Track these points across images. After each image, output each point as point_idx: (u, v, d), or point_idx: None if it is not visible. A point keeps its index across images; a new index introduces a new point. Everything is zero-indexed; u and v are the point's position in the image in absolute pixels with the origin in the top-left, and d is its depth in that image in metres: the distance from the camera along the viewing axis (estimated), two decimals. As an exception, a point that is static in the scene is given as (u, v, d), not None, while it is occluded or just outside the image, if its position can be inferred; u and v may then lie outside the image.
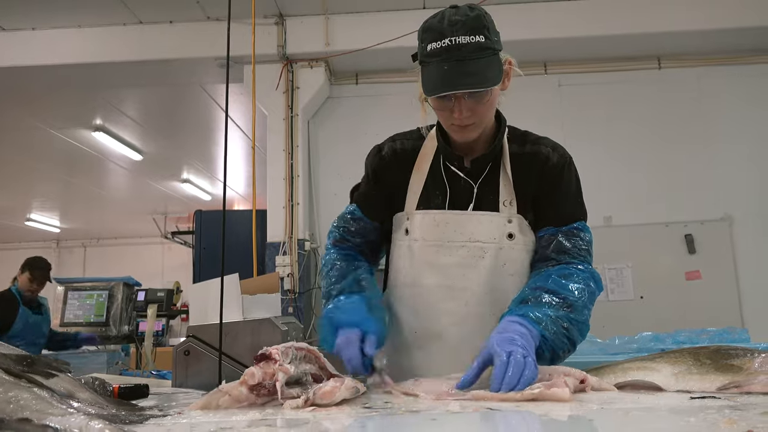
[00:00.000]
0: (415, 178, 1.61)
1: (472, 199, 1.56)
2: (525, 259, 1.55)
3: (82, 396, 1.11)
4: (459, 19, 1.39)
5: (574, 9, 5.00)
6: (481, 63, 1.38)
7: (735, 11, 4.91)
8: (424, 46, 1.42)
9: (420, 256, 1.57)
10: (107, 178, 9.57)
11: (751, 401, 1.01)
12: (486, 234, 1.53)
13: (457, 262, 1.53)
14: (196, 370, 1.85)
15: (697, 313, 4.72)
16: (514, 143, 1.59)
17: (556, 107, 5.18)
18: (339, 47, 5.09)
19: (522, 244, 1.54)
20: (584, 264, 1.51)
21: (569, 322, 1.39)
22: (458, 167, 1.58)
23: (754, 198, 5.07)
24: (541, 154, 1.56)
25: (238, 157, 8.17)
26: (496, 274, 1.52)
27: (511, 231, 1.53)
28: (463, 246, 1.53)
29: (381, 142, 1.71)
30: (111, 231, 13.17)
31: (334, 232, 1.72)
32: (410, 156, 1.63)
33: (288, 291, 4.90)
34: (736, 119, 5.20)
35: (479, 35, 1.38)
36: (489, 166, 1.57)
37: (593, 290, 1.49)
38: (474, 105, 1.43)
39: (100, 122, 7.09)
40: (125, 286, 4.78)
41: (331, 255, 1.69)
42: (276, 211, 5.11)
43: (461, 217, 1.55)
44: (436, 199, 1.58)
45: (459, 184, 1.57)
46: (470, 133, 1.49)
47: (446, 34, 1.38)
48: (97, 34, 5.18)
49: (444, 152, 1.59)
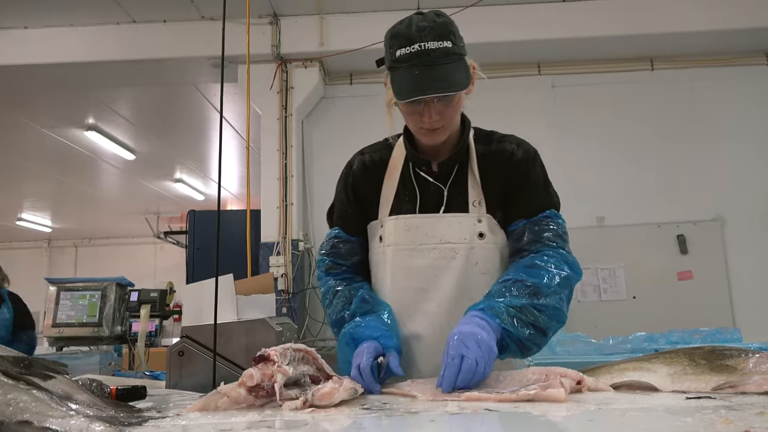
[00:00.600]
0: (386, 187, 1.64)
1: (443, 201, 1.59)
2: (496, 258, 1.59)
3: (79, 398, 1.11)
4: (427, 25, 1.43)
5: (568, 10, 5.02)
6: (450, 67, 1.42)
7: (728, 13, 4.94)
8: (392, 51, 1.45)
9: (394, 261, 1.60)
10: (99, 177, 9.53)
11: (746, 401, 1.02)
12: (456, 235, 1.56)
13: (429, 264, 1.57)
14: (190, 370, 1.85)
15: (689, 313, 4.75)
16: (480, 143, 1.63)
17: (549, 108, 5.20)
18: (333, 47, 5.09)
19: (492, 242, 1.58)
20: (556, 250, 1.53)
21: (537, 310, 1.41)
22: (427, 172, 1.61)
23: (745, 199, 5.10)
24: (506, 151, 1.60)
25: (231, 157, 8.16)
26: (467, 273, 1.55)
27: (482, 230, 1.56)
28: (434, 248, 1.56)
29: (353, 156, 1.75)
30: (103, 231, 13.12)
31: (324, 260, 1.73)
32: (380, 167, 1.67)
33: (282, 291, 4.90)
34: (728, 121, 5.24)
35: (447, 41, 1.42)
36: (457, 168, 1.61)
37: (567, 274, 1.49)
38: (443, 108, 1.47)
39: (92, 121, 7.06)
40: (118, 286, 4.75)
41: (329, 283, 1.69)
42: (270, 211, 5.10)
43: (431, 220, 1.58)
44: (407, 204, 1.62)
45: (429, 188, 1.61)
46: (439, 136, 1.53)
47: (415, 39, 1.41)
48: (90, 33, 5.15)
49: (412, 158, 1.63)
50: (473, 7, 4.70)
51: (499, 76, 5.27)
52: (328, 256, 1.72)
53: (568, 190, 5.16)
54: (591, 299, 4.99)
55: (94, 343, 5.00)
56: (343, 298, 1.62)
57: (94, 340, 4.99)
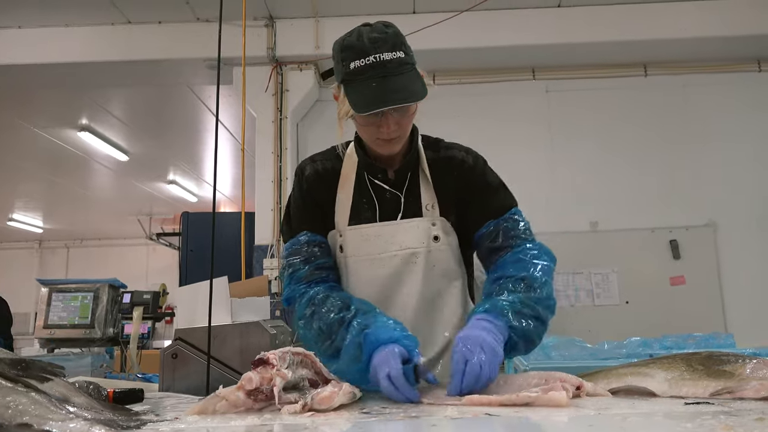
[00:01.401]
0: (341, 196, 1.63)
1: (401, 208, 1.60)
2: (451, 259, 1.62)
3: (77, 400, 1.10)
4: (378, 36, 1.42)
5: (563, 16, 5.04)
6: (406, 77, 1.42)
7: (720, 20, 4.98)
8: (345, 64, 1.44)
9: (354, 272, 1.60)
10: (92, 178, 9.48)
11: (744, 407, 1.03)
12: (415, 239, 1.58)
13: (392, 273, 1.58)
14: (183, 373, 1.84)
15: (682, 318, 4.77)
16: (429, 149, 1.65)
17: (543, 112, 5.22)
18: (329, 50, 5.03)
19: (447, 244, 1.60)
20: (532, 242, 1.57)
21: (535, 302, 1.43)
22: (382, 180, 1.62)
23: (738, 205, 5.14)
24: (455, 158, 1.63)
25: (225, 159, 8.14)
26: (428, 276, 1.58)
27: (436, 233, 1.59)
28: (395, 255, 1.57)
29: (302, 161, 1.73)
30: (95, 232, 13.04)
31: (299, 270, 1.58)
32: (332, 176, 1.65)
33: (275, 294, 4.88)
34: (720, 127, 5.28)
35: (399, 51, 1.43)
36: (410, 174, 1.62)
37: (548, 265, 1.53)
38: (399, 118, 1.48)
39: (85, 122, 7.03)
40: (111, 287, 4.71)
41: (314, 290, 1.54)
42: (264, 213, 5.09)
43: (389, 228, 1.59)
44: (366, 212, 1.62)
45: (385, 195, 1.62)
46: (395, 145, 1.54)
47: (369, 51, 1.40)
48: (84, 33, 5.13)
49: (366, 167, 1.63)
50: (468, 11, 4.72)
51: (493, 80, 5.29)
52: (305, 264, 1.58)
53: (562, 195, 5.26)
54: (584, 304, 5.01)
55: (85, 345, 4.96)
56: (339, 302, 1.49)
57: (85, 342, 4.95)
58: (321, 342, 1.47)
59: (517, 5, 4.99)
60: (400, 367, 1.24)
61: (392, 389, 1.23)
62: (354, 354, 1.36)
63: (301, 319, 1.54)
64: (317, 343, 1.49)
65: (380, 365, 1.27)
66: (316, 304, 1.51)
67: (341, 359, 1.41)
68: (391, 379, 1.23)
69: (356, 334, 1.37)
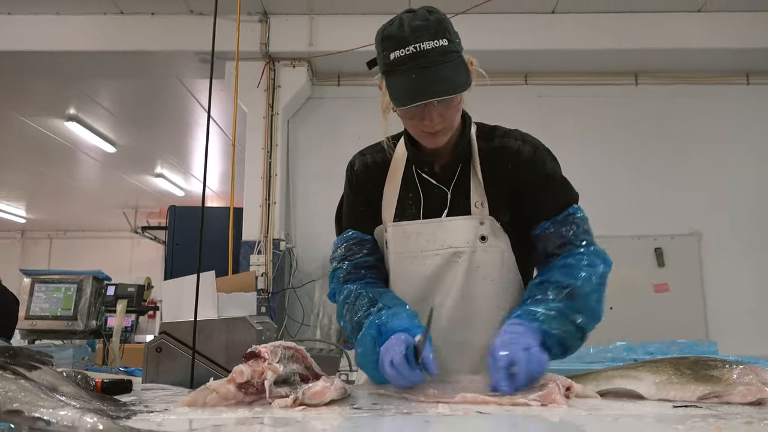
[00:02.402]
0: (388, 191, 1.58)
1: (446, 204, 1.53)
2: (498, 262, 1.51)
3: (65, 389, 1.09)
4: (420, 24, 1.35)
5: (556, 22, 5.08)
6: (449, 67, 1.35)
7: (710, 32, 5.04)
8: (386, 55, 1.37)
9: (396, 269, 1.56)
10: (78, 169, 9.38)
11: (731, 411, 1.04)
12: (460, 239, 1.49)
13: (432, 273, 1.51)
14: (167, 367, 1.82)
15: (664, 325, 4.81)
16: (482, 140, 1.56)
17: (535, 118, 5.23)
18: (322, 48, 5.08)
19: (495, 246, 1.50)
20: (587, 247, 1.48)
21: (575, 311, 1.37)
22: (429, 173, 1.55)
23: (721, 215, 5.20)
24: (510, 148, 1.53)
25: (214, 154, 8.08)
26: (469, 278, 1.49)
27: (484, 233, 1.49)
28: (436, 254, 1.50)
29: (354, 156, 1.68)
30: (79, 223, 12.90)
31: (340, 267, 1.60)
32: (381, 168, 1.60)
33: (261, 290, 4.86)
34: (707, 138, 5.34)
35: (442, 39, 1.35)
36: (459, 168, 1.54)
37: (600, 271, 1.44)
38: (444, 110, 1.40)
39: (73, 112, 6.96)
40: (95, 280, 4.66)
41: (348, 289, 1.55)
42: (252, 209, 5.07)
43: (431, 226, 1.52)
44: (410, 209, 1.55)
45: (432, 190, 1.55)
46: (441, 138, 1.46)
47: (409, 41, 1.33)
48: (75, 22, 5.08)
49: (414, 159, 1.56)
50: (462, 14, 4.73)
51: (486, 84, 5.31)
52: (343, 261, 1.59)
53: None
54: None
55: (67, 337, 4.90)
56: (367, 299, 1.48)
57: (67, 334, 4.89)
58: (355, 338, 1.47)
59: (511, 10, 5.01)
60: (403, 351, 1.23)
61: (395, 374, 1.23)
62: (369, 347, 1.35)
63: (341, 319, 1.57)
64: (353, 339, 1.49)
65: (385, 353, 1.26)
66: (349, 302, 1.51)
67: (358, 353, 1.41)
68: (393, 365, 1.22)
69: (369, 326, 1.37)
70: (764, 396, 1.13)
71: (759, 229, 5.20)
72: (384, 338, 1.31)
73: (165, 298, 2.19)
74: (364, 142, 1.73)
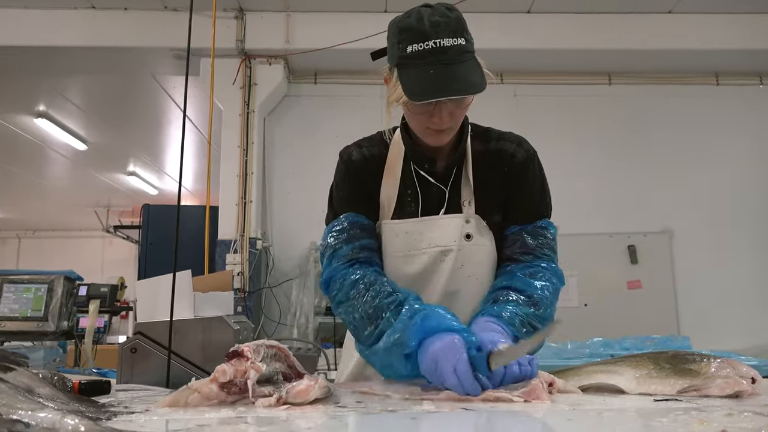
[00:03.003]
0: (386, 186, 1.55)
1: (444, 203, 1.52)
2: (483, 261, 1.52)
3: (42, 391, 1.06)
4: (440, 20, 1.34)
5: (532, 22, 5.12)
6: (466, 66, 1.34)
7: (680, 35, 5.13)
8: (402, 47, 1.34)
9: (387, 268, 1.54)
10: (48, 167, 9.18)
11: (711, 404, 1.06)
12: (446, 237, 1.49)
13: (420, 270, 1.50)
14: (143, 368, 1.78)
15: (638, 321, 4.89)
16: (477, 141, 1.56)
17: (512, 116, 5.26)
18: (299, 45, 5.05)
19: (480, 245, 1.50)
20: (547, 262, 1.51)
21: (537, 320, 1.40)
22: (428, 171, 1.54)
23: (692, 213, 5.30)
24: (505, 151, 1.54)
25: (188, 152, 7.99)
26: (454, 276, 1.49)
27: (469, 231, 1.49)
28: (424, 253, 1.50)
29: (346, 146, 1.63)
30: (49, 223, 12.63)
31: (339, 249, 1.49)
32: (379, 163, 1.57)
33: (238, 290, 4.82)
34: (678, 138, 5.44)
35: (461, 37, 1.34)
36: (456, 168, 1.54)
37: (557, 287, 1.49)
38: (454, 109, 1.39)
39: (43, 108, 6.81)
40: (66, 280, 4.57)
41: (362, 273, 1.45)
42: (228, 208, 5.02)
43: (420, 224, 1.51)
44: (409, 206, 1.53)
45: (431, 189, 1.54)
46: (445, 137, 1.45)
47: (429, 35, 1.32)
48: (45, 16, 4.96)
49: (414, 156, 1.54)
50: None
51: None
52: (347, 243, 1.49)
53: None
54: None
55: (38, 339, 4.80)
56: (389, 286, 1.40)
57: (38, 336, 4.79)
58: (363, 328, 1.39)
59: (487, 9, 5.03)
60: (467, 359, 1.16)
61: (458, 385, 1.14)
62: (398, 340, 1.27)
63: (344, 303, 1.45)
64: (358, 329, 1.41)
65: (443, 355, 1.18)
66: (364, 287, 1.41)
67: (380, 344, 1.32)
68: (457, 373, 1.15)
69: (408, 318, 1.29)
70: (742, 389, 1.15)
71: (729, 227, 5.32)
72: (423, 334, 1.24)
73: (140, 297, 2.16)
74: (342, 140, 1.71)
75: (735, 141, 5.45)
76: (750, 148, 5.43)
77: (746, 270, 5.23)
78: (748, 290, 5.18)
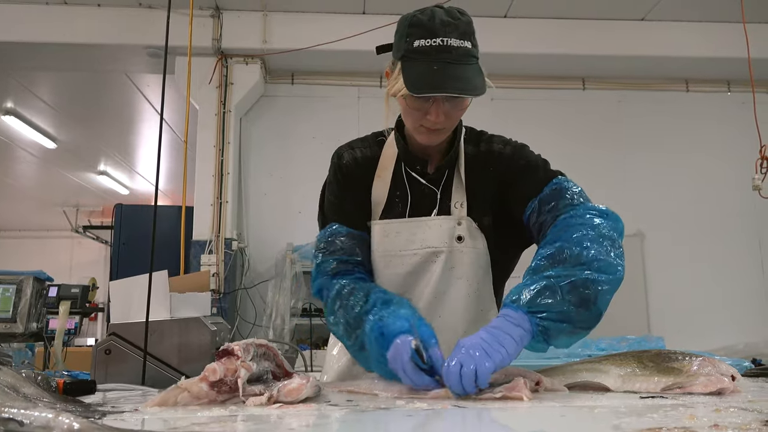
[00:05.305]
0: (377, 187, 1.56)
1: (435, 204, 1.53)
2: (474, 263, 1.50)
3: (26, 391, 1.04)
4: (451, 21, 1.37)
5: (508, 26, 5.18)
6: (469, 69, 1.36)
7: (653, 41, 5.25)
8: (409, 41, 1.37)
9: (377, 268, 1.53)
10: (15, 166, 8.97)
11: (696, 400, 1.09)
12: (437, 238, 1.49)
13: (410, 271, 1.50)
14: (117, 370, 1.75)
15: (610, 322, 4.92)
16: (469, 143, 1.57)
17: (489, 120, 5.26)
18: (276, 45, 5.02)
19: (471, 247, 1.49)
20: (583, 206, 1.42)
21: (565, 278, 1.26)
22: (420, 173, 1.54)
23: (663, 216, 5.42)
24: (494, 152, 1.55)
25: (162, 151, 7.87)
26: (444, 278, 1.49)
27: (460, 233, 1.49)
28: (414, 254, 1.49)
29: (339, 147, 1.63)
30: (15, 223, 12.32)
31: (327, 261, 1.51)
32: (370, 163, 1.58)
33: (213, 291, 4.77)
34: (650, 141, 5.56)
35: (468, 41, 1.37)
36: (448, 171, 1.54)
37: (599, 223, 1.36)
38: (451, 109, 1.40)
39: (11, 105, 6.66)
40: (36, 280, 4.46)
41: (339, 283, 1.47)
42: (203, 208, 4.97)
43: (411, 225, 1.51)
44: (397, 207, 1.54)
45: (422, 190, 1.54)
46: (439, 136, 1.46)
47: (438, 33, 1.34)
48: (14, 10, 4.86)
49: (406, 157, 1.55)
50: (418, 15, 4.77)
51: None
52: (331, 255, 1.51)
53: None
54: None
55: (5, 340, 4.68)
56: (362, 293, 1.41)
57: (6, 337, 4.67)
58: (348, 337, 1.41)
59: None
60: (409, 359, 1.18)
61: (409, 381, 1.19)
62: (376, 351, 1.29)
63: (331, 315, 1.47)
64: (344, 338, 1.44)
65: (393, 361, 1.23)
66: (342, 297, 1.44)
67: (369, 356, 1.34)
68: (407, 374, 1.19)
69: (371, 329, 1.31)
70: (724, 386, 1.18)
71: (698, 230, 5.45)
72: (387, 342, 1.26)
73: (114, 298, 2.12)
74: (318, 141, 1.71)
75: (703, 146, 5.59)
76: (718, 152, 5.58)
77: (715, 272, 5.36)
78: (717, 292, 5.31)
